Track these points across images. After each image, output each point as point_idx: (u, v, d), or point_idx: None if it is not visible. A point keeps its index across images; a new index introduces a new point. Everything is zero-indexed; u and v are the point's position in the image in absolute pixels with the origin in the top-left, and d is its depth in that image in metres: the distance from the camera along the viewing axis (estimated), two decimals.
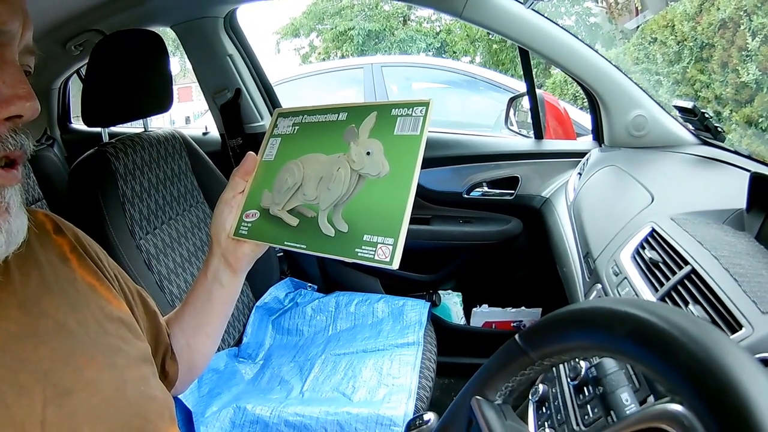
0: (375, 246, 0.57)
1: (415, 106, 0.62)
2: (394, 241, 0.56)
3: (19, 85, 0.47)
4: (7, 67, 0.47)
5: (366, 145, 0.63)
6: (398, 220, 0.57)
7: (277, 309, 1.64)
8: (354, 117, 0.66)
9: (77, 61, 1.98)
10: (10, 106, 0.46)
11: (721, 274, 0.71)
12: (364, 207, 0.60)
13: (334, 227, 0.61)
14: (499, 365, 0.45)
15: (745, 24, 4.23)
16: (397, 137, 0.61)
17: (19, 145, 0.48)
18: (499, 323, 1.90)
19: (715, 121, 1.35)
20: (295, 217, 0.66)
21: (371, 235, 0.58)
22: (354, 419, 1.13)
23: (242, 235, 0.69)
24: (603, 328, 0.35)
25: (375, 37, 11.11)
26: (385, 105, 0.64)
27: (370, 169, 0.61)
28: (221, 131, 2.00)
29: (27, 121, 0.49)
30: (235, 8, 1.83)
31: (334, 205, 0.62)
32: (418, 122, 0.61)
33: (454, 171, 1.86)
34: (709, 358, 0.29)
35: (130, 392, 0.56)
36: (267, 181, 0.70)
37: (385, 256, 0.56)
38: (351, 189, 0.62)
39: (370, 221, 0.59)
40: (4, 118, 0.47)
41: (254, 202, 0.70)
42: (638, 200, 1.10)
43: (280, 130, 0.74)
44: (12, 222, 0.49)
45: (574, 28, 9.26)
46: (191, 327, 0.78)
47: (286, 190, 0.67)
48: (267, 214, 0.68)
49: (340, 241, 0.60)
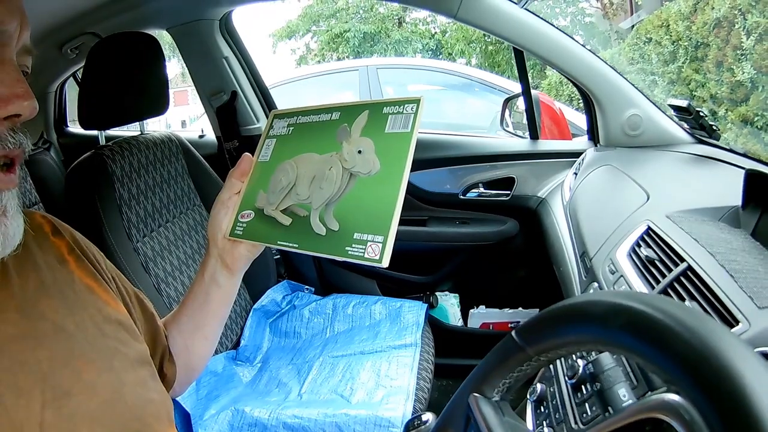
0: (365, 244, 0.57)
1: (406, 103, 0.62)
2: (383, 239, 0.56)
3: (17, 84, 0.47)
4: (4, 66, 0.48)
5: (357, 143, 0.63)
6: (388, 218, 0.57)
7: (275, 312, 1.64)
8: (347, 116, 0.67)
9: (73, 64, 1.97)
10: (9, 106, 0.47)
11: (717, 270, 0.71)
12: (354, 205, 0.61)
13: (325, 226, 0.62)
14: (496, 362, 0.45)
15: (739, 23, 4.24)
16: (388, 135, 0.61)
17: (18, 143, 0.48)
18: (497, 324, 1.89)
19: (710, 120, 1.36)
20: (288, 216, 0.66)
21: (361, 234, 0.58)
22: (352, 421, 1.13)
23: (237, 235, 0.70)
24: (598, 321, 0.35)
25: (370, 39, 11.13)
26: (377, 103, 0.64)
27: (361, 167, 0.61)
28: (217, 134, 2.00)
29: (25, 120, 0.49)
30: (230, 11, 1.82)
31: (326, 204, 0.63)
32: (409, 119, 0.61)
33: (450, 172, 1.87)
34: (705, 347, 0.29)
35: (128, 395, 0.56)
36: (262, 182, 0.71)
37: (375, 254, 0.56)
38: (342, 188, 0.62)
39: (360, 219, 0.59)
40: (3, 118, 0.47)
41: (250, 202, 0.70)
42: (634, 199, 1.10)
43: (276, 131, 0.75)
44: (9, 225, 0.49)
45: (570, 29, 9.28)
46: (189, 329, 0.78)
47: (280, 190, 0.68)
48: (261, 215, 0.68)
49: (331, 239, 0.61)
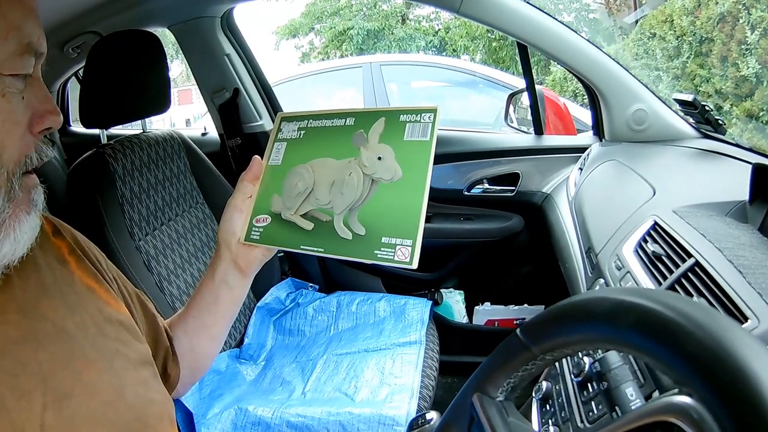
0: (394, 248, 0.60)
1: (423, 112, 0.64)
2: (412, 243, 0.59)
3: (48, 100, 0.52)
4: (38, 83, 0.51)
5: (377, 150, 0.64)
6: (415, 222, 0.60)
7: (279, 309, 1.64)
8: (361, 122, 0.68)
9: (75, 63, 1.97)
10: (44, 120, 0.51)
11: (725, 266, 0.70)
12: (379, 210, 0.62)
13: (350, 230, 0.63)
14: (501, 361, 0.44)
15: (743, 17, 4.21)
16: (407, 143, 0.63)
17: (46, 154, 0.53)
18: (502, 321, 1.89)
19: (715, 114, 1.35)
20: (310, 221, 0.67)
21: (389, 237, 0.60)
22: (356, 419, 1.13)
23: (254, 240, 0.70)
24: (606, 319, 0.34)
25: (374, 36, 11.11)
26: (393, 111, 0.66)
27: (383, 173, 0.63)
28: (220, 131, 1.99)
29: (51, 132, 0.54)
30: (231, 8, 1.82)
31: (348, 209, 0.64)
32: (427, 128, 0.63)
33: (455, 168, 1.86)
34: (720, 347, 0.28)
35: (129, 395, 0.56)
36: (275, 186, 0.71)
37: (405, 257, 0.59)
38: (365, 193, 0.64)
39: (387, 224, 0.61)
40: (38, 132, 0.51)
41: (263, 206, 0.71)
42: (640, 194, 1.09)
43: (285, 135, 0.74)
44: (36, 219, 0.52)
45: (574, 25, 9.24)
46: (195, 329, 0.78)
47: (297, 194, 0.68)
48: (279, 219, 0.69)
49: (358, 243, 0.62)
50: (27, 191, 0.51)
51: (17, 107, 0.49)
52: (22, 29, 0.48)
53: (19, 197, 0.50)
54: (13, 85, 0.48)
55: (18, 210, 0.50)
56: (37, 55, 0.50)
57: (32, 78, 0.51)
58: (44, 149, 0.52)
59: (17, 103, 0.49)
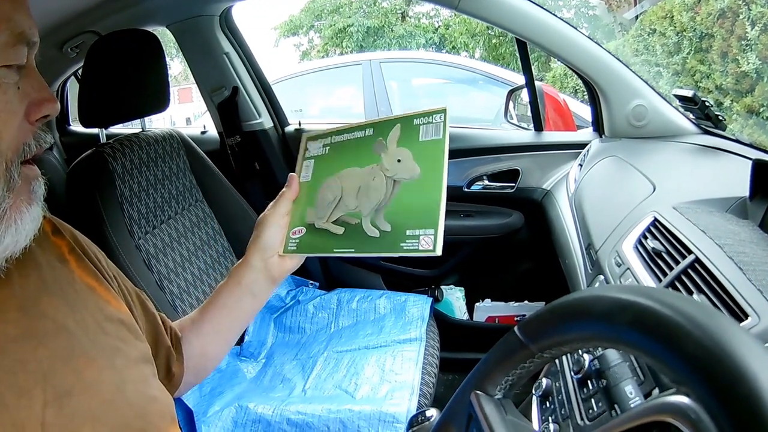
0: (418, 238, 0.64)
1: (434, 114, 0.69)
2: (434, 231, 0.63)
3: (44, 88, 0.52)
4: (32, 73, 0.52)
5: (396, 153, 0.69)
6: (436, 213, 0.64)
7: (279, 307, 1.64)
8: (379, 131, 0.73)
9: (74, 63, 1.96)
10: (41, 108, 0.52)
11: (725, 262, 0.70)
12: (402, 207, 0.67)
13: (378, 229, 0.68)
14: (499, 358, 0.44)
15: (744, 13, 4.20)
16: (422, 143, 0.68)
17: (45, 141, 0.53)
18: (503, 317, 1.89)
19: (715, 110, 1.34)
20: (340, 226, 0.72)
21: (413, 230, 0.65)
22: (357, 416, 1.13)
23: (292, 250, 0.75)
24: (604, 317, 0.34)
25: (374, 33, 11.09)
26: (407, 117, 0.71)
27: (404, 173, 0.68)
28: (219, 130, 1.99)
29: (49, 120, 0.55)
30: (230, 6, 1.82)
31: (375, 210, 0.69)
32: (440, 127, 0.68)
33: (454, 165, 1.85)
34: (718, 346, 0.28)
35: (130, 393, 0.56)
36: (309, 200, 0.76)
37: (429, 245, 0.63)
38: (389, 194, 0.69)
39: (410, 218, 0.66)
40: (36, 119, 0.52)
41: (298, 219, 0.76)
42: (640, 190, 1.09)
43: (312, 153, 0.80)
44: (38, 210, 0.53)
45: (574, 21, 9.22)
46: (210, 333, 0.79)
47: (327, 204, 0.73)
48: (313, 228, 0.74)
49: (385, 239, 0.67)
50: (27, 182, 0.52)
51: (13, 98, 0.49)
52: (13, 20, 0.48)
53: (18, 186, 0.50)
54: (7, 76, 0.48)
55: (19, 201, 0.50)
56: (30, 45, 0.50)
57: (27, 68, 0.51)
58: (43, 136, 0.53)
59: (13, 93, 0.49)
